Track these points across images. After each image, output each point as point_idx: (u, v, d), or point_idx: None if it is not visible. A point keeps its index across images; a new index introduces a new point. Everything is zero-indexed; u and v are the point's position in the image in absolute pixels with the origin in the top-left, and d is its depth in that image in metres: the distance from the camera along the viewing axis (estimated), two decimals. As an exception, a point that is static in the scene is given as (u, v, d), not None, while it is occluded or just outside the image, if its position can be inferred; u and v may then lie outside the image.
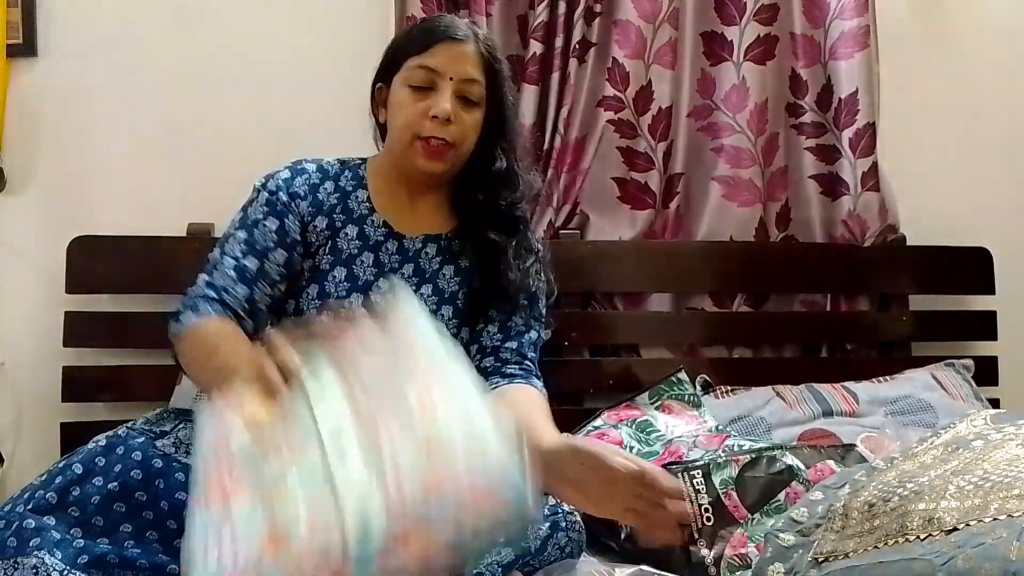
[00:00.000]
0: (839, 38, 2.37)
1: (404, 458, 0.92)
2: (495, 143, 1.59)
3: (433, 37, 1.51)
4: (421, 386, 0.98)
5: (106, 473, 1.28)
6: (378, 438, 0.94)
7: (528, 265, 1.61)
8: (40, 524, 1.21)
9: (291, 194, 1.55)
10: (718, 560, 1.43)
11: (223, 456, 0.97)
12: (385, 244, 1.57)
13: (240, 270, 1.48)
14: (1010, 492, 1.18)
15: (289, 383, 1.05)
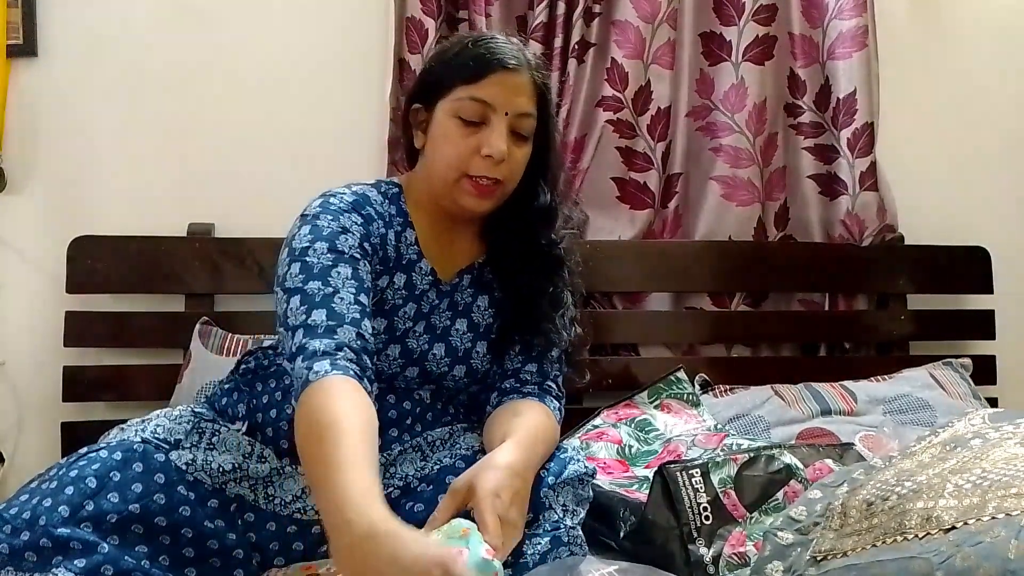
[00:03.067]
0: (837, 38, 2.38)
1: None
2: (538, 176, 1.50)
3: (487, 66, 1.39)
4: None
5: (122, 490, 1.25)
6: None
7: (565, 311, 1.52)
8: (58, 540, 1.20)
9: (372, 245, 1.40)
10: (717, 559, 1.44)
11: None
12: (428, 292, 1.47)
13: (362, 309, 1.29)
14: (1008, 491, 1.18)
15: None
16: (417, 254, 1.46)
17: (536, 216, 1.50)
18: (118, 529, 1.23)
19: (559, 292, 1.52)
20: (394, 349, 1.44)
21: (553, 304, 1.50)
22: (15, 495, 1.28)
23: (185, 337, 2.05)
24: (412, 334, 1.45)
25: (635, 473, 1.83)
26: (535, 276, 1.50)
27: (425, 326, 1.46)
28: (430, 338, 1.46)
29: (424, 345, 1.46)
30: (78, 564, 1.18)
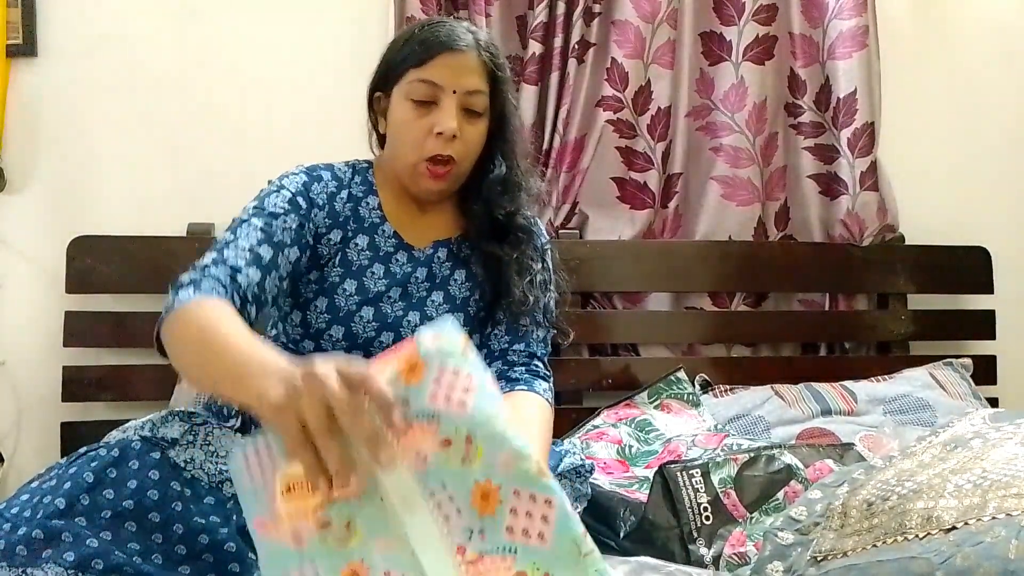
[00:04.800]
0: (837, 38, 2.38)
1: None
2: (494, 148, 1.54)
3: (433, 48, 1.44)
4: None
5: (117, 486, 1.25)
6: None
7: (532, 277, 1.56)
8: (50, 533, 1.20)
9: (310, 200, 1.46)
10: (717, 558, 1.44)
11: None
12: (395, 255, 1.51)
13: (256, 256, 1.34)
14: (1008, 491, 1.19)
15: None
16: (380, 218, 1.52)
17: (492, 186, 1.54)
18: (111, 525, 1.23)
19: (524, 259, 1.55)
20: (368, 311, 1.47)
21: (519, 271, 1.54)
22: (16, 494, 1.28)
23: (185, 337, 2.05)
24: (386, 299, 1.49)
25: (635, 473, 1.83)
26: (499, 245, 1.54)
27: (401, 293, 1.49)
28: (405, 306, 1.49)
29: (399, 311, 1.49)
30: (67, 558, 1.18)
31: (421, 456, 0.88)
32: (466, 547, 0.87)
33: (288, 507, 0.88)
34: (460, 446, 0.87)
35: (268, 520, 0.88)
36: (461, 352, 0.90)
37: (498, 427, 0.88)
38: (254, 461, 0.90)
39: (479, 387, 0.89)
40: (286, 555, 0.88)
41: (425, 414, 0.88)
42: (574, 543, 0.85)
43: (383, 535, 0.88)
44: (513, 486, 0.87)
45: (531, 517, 0.86)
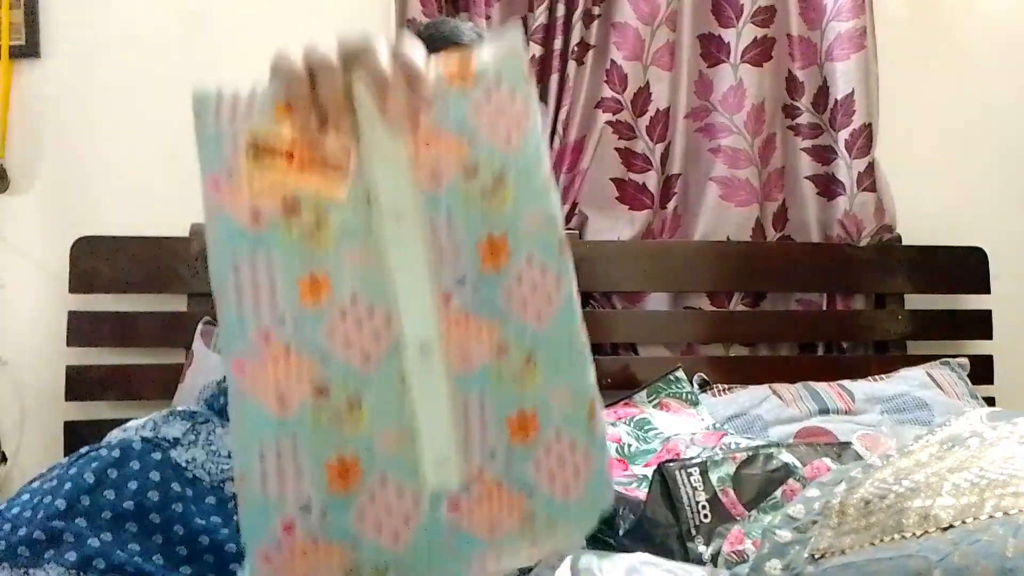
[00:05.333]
0: (835, 39, 2.39)
1: None
2: None
3: (438, 45, 1.36)
4: None
5: (118, 487, 1.26)
6: None
7: None
8: (51, 533, 1.20)
9: None
10: (715, 556, 1.44)
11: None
12: None
13: None
14: (1006, 489, 1.19)
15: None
16: None
17: None
18: (112, 526, 1.23)
19: None
20: None
21: None
22: (17, 494, 1.28)
23: (187, 337, 2.06)
24: None
25: (634, 472, 1.83)
26: None
27: None
28: None
29: None
30: (69, 558, 1.18)
31: (437, 176, 0.73)
32: (451, 296, 0.73)
33: (252, 172, 0.71)
34: (486, 182, 0.73)
35: (224, 179, 0.71)
36: (524, 76, 0.74)
37: (537, 180, 0.74)
38: (227, 106, 0.72)
39: (532, 125, 0.74)
40: (237, 235, 0.71)
41: (459, 127, 0.73)
42: (570, 336, 0.75)
43: (359, 245, 0.72)
44: (529, 251, 0.74)
45: (535, 290, 0.74)
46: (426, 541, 0.72)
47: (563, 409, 0.74)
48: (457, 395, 0.72)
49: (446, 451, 0.72)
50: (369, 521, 0.72)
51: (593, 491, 0.75)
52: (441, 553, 0.73)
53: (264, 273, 0.71)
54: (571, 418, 0.74)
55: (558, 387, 0.74)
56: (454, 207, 0.73)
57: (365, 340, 0.71)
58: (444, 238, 0.73)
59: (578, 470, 0.74)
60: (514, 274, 0.74)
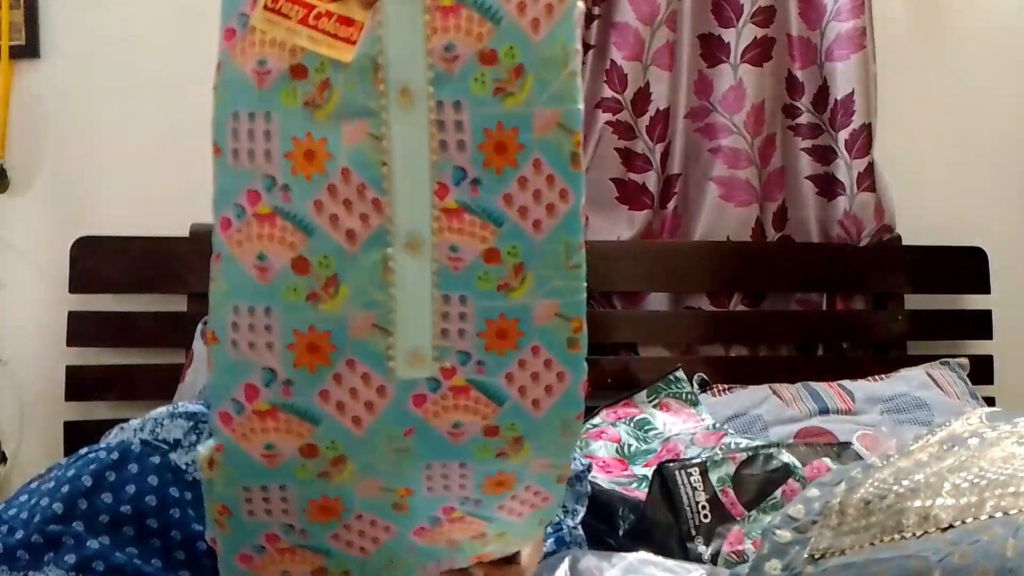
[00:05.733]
0: (835, 40, 2.38)
1: None
2: None
3: None
4: None
5: (116, 491, 1.24)
6: None
7: None
8: (49, 536, 1.20)
9: None
10: (715, 556, 1.44)
11: None
12: None
13: None
14: (1006, 489, 1.19)
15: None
16: None
17: None
18: (110, 529, 1.23)
19: None
20: None
21: None
22: (14, 495, 1.28)
23: (187, 337, 2.06)
24: None
25: (634, 472, 1.84)
26: None
27: None
28: None
29: None
30: (68, 560, 1.17)
31: (452, 54, 0.69)
32: (449, 189, 0.71)
33: (267, 22, 0.70)
34: (505, 70, 0.69)
35: (238, 29, 0.71)
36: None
37: (559, 77, 0.70)
38: None
39: (563, 16, 0.71)
40: (242, 88, 0.70)
41: (484, 8, 0.70)
42: (567, 251, 0.72)
43: (359, 119, 0.70)
44: (537, 154, 0.71)
45: (538, 199, 0.72)
46: (385, 432, 0.72)
47: (546, 325, 0.72)
48: (439, 291, 0.71)
49: (421, 345, 0.72)
50: (332, 402, 0.71)
51: (563, 410, 0.74)
52: (398, 447, 0.72)
53: (261, 134, 0.70)
54: (552, 335, 0.73)
55: (546, 301, 0.72)
56: (465, 93, 0.69)
57: (353, 220, 0.70)
58: (450, 124, 0.70)
59: (551, 387, 0.73)
60: (517, 177, 0.71)
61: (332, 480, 0.73)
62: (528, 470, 0.76)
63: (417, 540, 0.77)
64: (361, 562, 0.76)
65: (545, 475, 0.77)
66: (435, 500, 0.76)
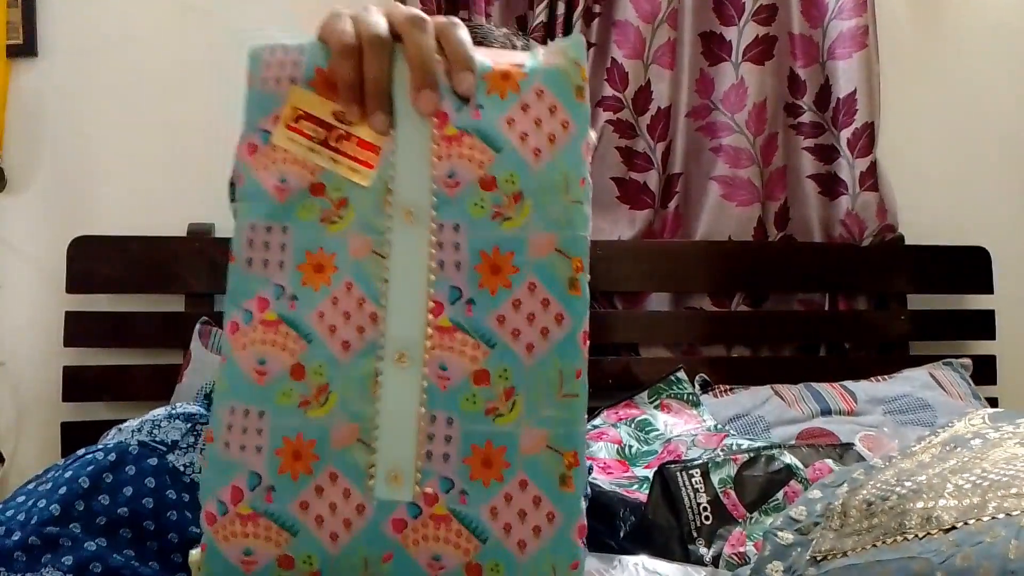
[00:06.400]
0: (837, 38, 2.38)
1: None
2: None
3: None
4: None
5: (113, 492, 1.23)
6: None
7: None
8: (47, 538, 1.20)
9: None
10: (716, 558, 1.44)
11: None
12: None
13: None
14: (1008, 491, 1.18)
15: None
16: None
17: None
18: (107, 531, 1.22)
19: None
20: None
21: None
22: (11, 496, 1.27)
23: (185, 337, 2.05)
24: None
25: (635, 473, 1.83)
26: None
27: None
28: None
29: None
30: (66, 561, 1.17)
31: (454, 179, 0.71)
32: (444, 307, 0.71)
33: (287, 143, 0.73)
34: (504, 195, 0.71)
35: (260, 144, 0.73)
36: (574, 87, 0.72)
37: (558, 205, 0.71)
38: (274, 63, 0.76)
39: (566, 146, 0.71)
40: (261, 200, 0.72)
41: (487, 135, 0.71)
42: (562, 379, 0.70)
43: (365, 236, 0.72)
44: (532, 279, 0.71)
45: (532, 322, 0.71)
46: (362, 555, 0.70)
47: (535, 458, 0.70)
48: (426, 409, 0.70)
49: (403, 465, 0.70)
50: (311, 514, 0.70)
51: (553, 556, 0.70)
52: (374, 573, 0.71)
53: (277, 245, 0.72)
54: (543, 470, 0.70)
55: (536, 431, 0.70)
56: (464, 215, 0.71)
57: (349, 331, 0.71)
58: (448, 245, 0.71)
59: (539, 529, 0.70)
60: (511, 299, 0.71)
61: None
62: None
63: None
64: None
65: None
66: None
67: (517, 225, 0.71)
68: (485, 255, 0.71)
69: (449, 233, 0.71)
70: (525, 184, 0.71)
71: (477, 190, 0.71)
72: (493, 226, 0.71)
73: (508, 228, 0.71)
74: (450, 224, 0.71)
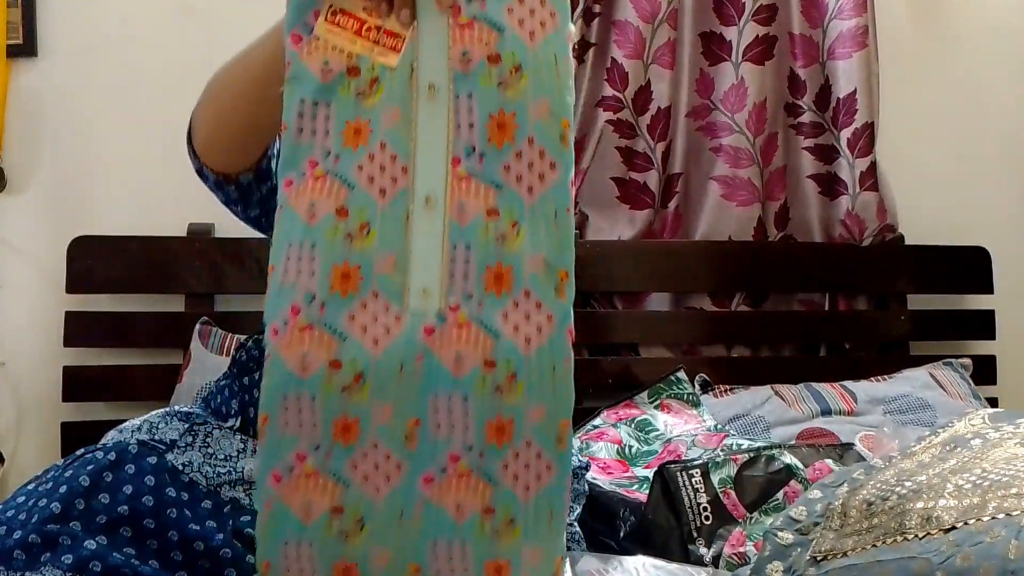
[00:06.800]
0: (837, 38, 2.38)
1: None
2: None
3: None
4: None
5: (113, 491, 1.24)
6: None
7: None
8: (47, 537, 1.20)
9: None
10: (717, 558, 1.44)
11: None
12: None
13: None
14: (1008, 491, 1.18)
15: None
16: None
17: None
18: (107, 530, 1.22)
19: None
20: None
21: None
22: (11, 496, 1.27)
23: (185, 337, 2.05)
24: None
25: (635, 473, 1.83)
26: None
27: None
28: None
29: None
30: (65, 560, 1.17)
31: (467, 58, 0.89)
32: (460, 160, 0.89)
33: (327, 32, 0.91)
34: (506, 70, 0.89)
35: (304, 35, 0.93)
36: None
37: (550, 76, 0.89)
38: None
39: (554, 31, 0.89)
40: (308, 81, 0.91)
41: (492, 21, 0.89)
42: (556, 212, 0.88)
43: (396, 106, 0.90)
44: (531, 133, 0.89)
45: (531, 168, 0.88)
46: (399, 357, 0.87)
47: (537, 273, 0.88)
48: (448, 241, 0.88)
49: (431, 283, 0.88)
50: (357, 324, 0.87)
51: (550, 353, 0.87)
52: (408, 370, 0.87)
53: (322, 117, 0.90)
54: (542, 283, 0.88)
55: (536, 253, 0.88)
56: (477, 88, 0.89)
57: (385, 180, 0.89)
58: (464, 111, 0.89)
59: (541, 328, 0.87)
60: (515, 151, 0.88)
61: (352, 398, 0.87)
62: (524, 415, 0.87)
63: (425, 492, 0.87)
64: (374, 507, 0.87)
65: (542, 427, 0.87)
66: (441, 442, 0.87)
67: (519, 91, 0.89)
68: (492, 116, 0.89)
69: (464, 102, 0.89)
70: (524, 59, 0.89)
71: (486, 65, 0.89)
72: (499, 92, 0.89)
73: (511, 94, 0.88)
74: (464, 95, 0.89)
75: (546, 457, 0.88)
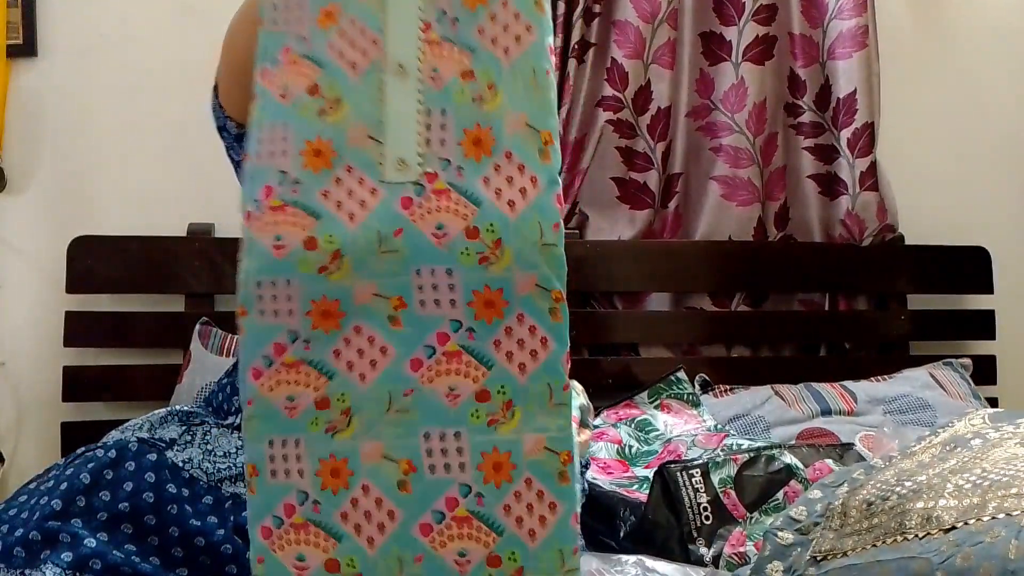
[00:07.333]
0: (837, 38, 2.38)
1: None
2: None
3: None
4: None
5: (114, 488, 1.25)
6: None
7: None
8: (47, 534, 1.20)
9: None
10: (717, 558, 1.44)
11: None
12: None
13: None
14: (1008, 491, 1.18)
15: None
16: None
17: None
18: (108, 527, 1.23)
19: None
20: None
21: None
22: (13, 495, 1.28)
23: (185, 337, 2.05)
24: None
25: (635, 473, 1.83)
26: None
27: None
28: None
29: None
30: (65, 558, 1.17)
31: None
32: (432, 25, 0.87)
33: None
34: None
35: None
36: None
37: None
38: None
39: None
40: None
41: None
42: (534, 73, 0.86)
43: None
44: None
45: (506, 30, 0.87)
46: (376, 231, 0.83)
47: (518, 133, 0.86)
48: (423, 108, 0.86)
49: (407, 153, 0.85)
50: (332, 200, 0.84)
51: (539, 217, 0.85)
52: (387, 248, 0.84)
53: (295, 4, 0.88)
54: (524, 144, 0.86)
55: (516, 113, 0.86)
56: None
57: (355, 54, 0.86)
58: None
59: (524, 191, 0.86)
60: (488, 12, 0.87)
61: (331, 279, 0.83)
62: (513, 285, 0.84)
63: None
64: (361, 397, 0.83)
65: (534, 296, 0.84)
66: (428, 321, 0.84)
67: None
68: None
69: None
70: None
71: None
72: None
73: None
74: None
75: (541, 331, 0.84)
